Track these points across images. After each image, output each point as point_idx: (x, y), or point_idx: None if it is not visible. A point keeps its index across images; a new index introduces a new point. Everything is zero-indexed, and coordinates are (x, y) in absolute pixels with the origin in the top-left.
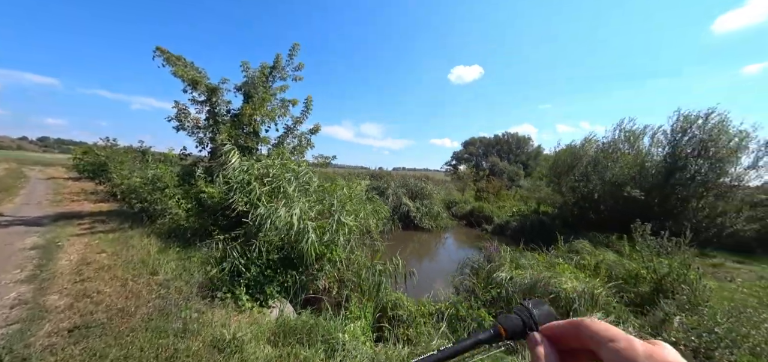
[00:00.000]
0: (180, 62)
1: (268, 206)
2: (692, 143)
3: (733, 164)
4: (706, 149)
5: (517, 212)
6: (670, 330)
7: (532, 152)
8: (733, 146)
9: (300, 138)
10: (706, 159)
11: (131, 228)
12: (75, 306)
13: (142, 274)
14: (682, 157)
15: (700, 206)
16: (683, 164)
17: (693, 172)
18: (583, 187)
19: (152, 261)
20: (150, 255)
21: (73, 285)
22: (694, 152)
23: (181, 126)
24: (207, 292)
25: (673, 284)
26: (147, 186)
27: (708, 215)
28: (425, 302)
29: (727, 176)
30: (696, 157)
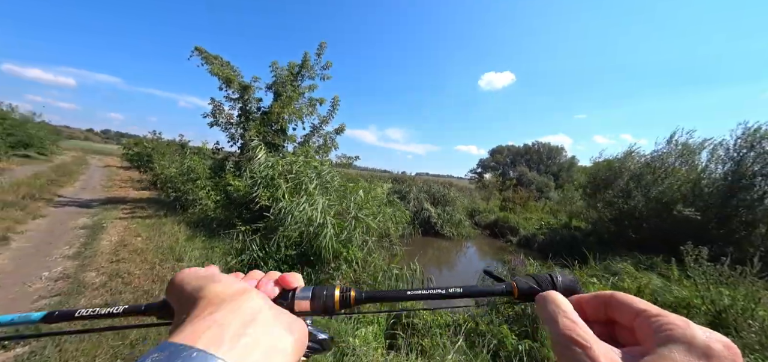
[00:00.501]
0: (217, 61)
1: (290, 201)
2: (761, 160)
3: None
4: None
5: (545, 225)
6: None
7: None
8: None
9: (325, 137)
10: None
11: (165, 216)
12: (108, 285)
13: (168, 259)
14: (748, 175)
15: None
16: (749, 184)
17: (761, 193)
18: (622, 203)
19: (179, 248)
20: (178, 242)
21: (109, 265)
22: (764, 170)
23: (215, 122)
24: None
25: (736, 319)
26: (181, 177)
27: None
28: (442, 312)
29: None
30: (766, 176)
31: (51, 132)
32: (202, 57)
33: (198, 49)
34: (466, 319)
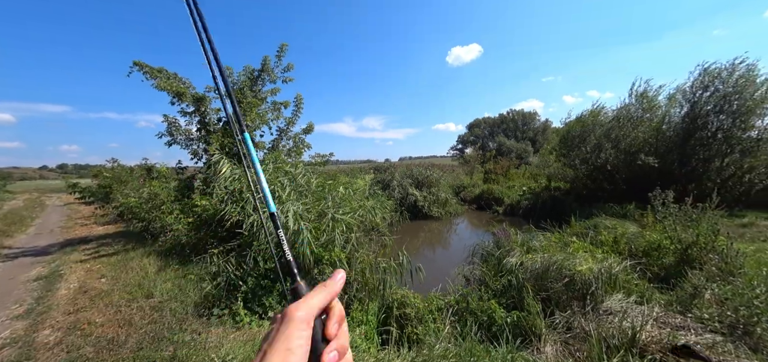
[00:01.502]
0: (161, 74)
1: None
2: (715, 99)
3: (760, 116)
4: (729, 102)
5: (527, 191)
6: (701, 306)
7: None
8: (758, 97)
9: (294, 139)
10: (728, 114)
11: (133, 249)
12: (64, 342)
13: (137, 298)
14: (703, 114)
15: (724, 164)
16: (703, 122)
17: (714, 129)
18: (595, 158)
19: (149, 283)
20: (147, 276)
21: (66, 317)
22: (716, 108)
23: (173, 140)
24: (204, 310)
25: (700, 253)
26: (144, 205)
27: (734, 174)
28: (433, 296)
29: (754, 129)
30: (718, 113)
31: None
32: (143, 72)
33: (137, 64)
34: (458, 299)
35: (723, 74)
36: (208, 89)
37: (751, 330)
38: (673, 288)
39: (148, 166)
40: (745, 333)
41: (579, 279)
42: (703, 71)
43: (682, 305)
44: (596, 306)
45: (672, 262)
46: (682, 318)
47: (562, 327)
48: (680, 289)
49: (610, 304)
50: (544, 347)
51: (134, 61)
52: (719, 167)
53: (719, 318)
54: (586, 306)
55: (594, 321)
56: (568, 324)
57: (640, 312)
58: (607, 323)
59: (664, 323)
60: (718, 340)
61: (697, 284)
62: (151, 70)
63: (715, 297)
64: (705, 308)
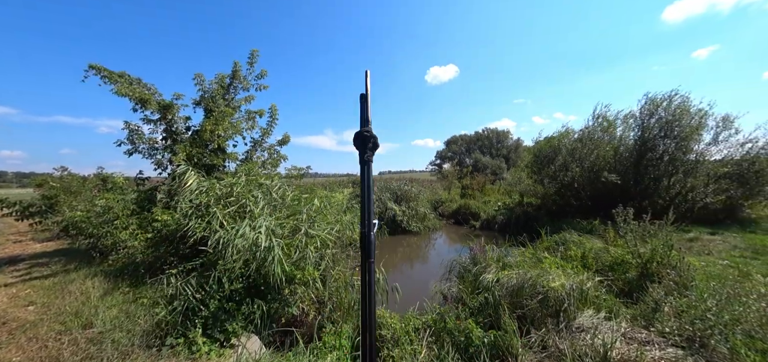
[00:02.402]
0: (123, 79)
1: (230, 229)
2: (659, 124)
3: (696, 142)
4: (671, 128)
5: (502, 206)
6: (662, 319)
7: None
8: (694, 125)
9: (269, 151)
10: (671, 139)
11: (76, 270)
12: None
13: (71, 329)
14: (651, 138)
15: (671, 183)
16: (652, 145)
17: (661, 152)
18: (563, 176)
19: (89, 310)
20: (88, 302)
21: None
22: (661, 133)
23: (134, 149)
24: (154, 340)
25: (658, 267)
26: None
27: (680, 192)
28: (411, 316)
29: (693, 153)
30: (663, 137)
31: None
32: (101, 76)
33: (94, 68)
34: (435, 319)
35: (664, 103)
36: (176, 96)
37: (706, 342)
38: (636, 301)
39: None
40: (702, 346)
41: (552, 295)
42: (648, 100)
43: (645, 319)
44: (569, 323)
45: (634, 276)
46: (647, 333)
47: (537, 347)
48: (643, 303)
49: (582, 321)
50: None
51: (90, 64)
52: (667, 186)
53: (678, 331)
54: (560, 323)
55: (568, 339)
56: (543, 342)
57: (609, 327)
58: (580, 341)
59: (631, 338)
60: (679, 354)
61: (657, 297)
62: (110, 74)
63: (673, 309)
64: (665, 321)
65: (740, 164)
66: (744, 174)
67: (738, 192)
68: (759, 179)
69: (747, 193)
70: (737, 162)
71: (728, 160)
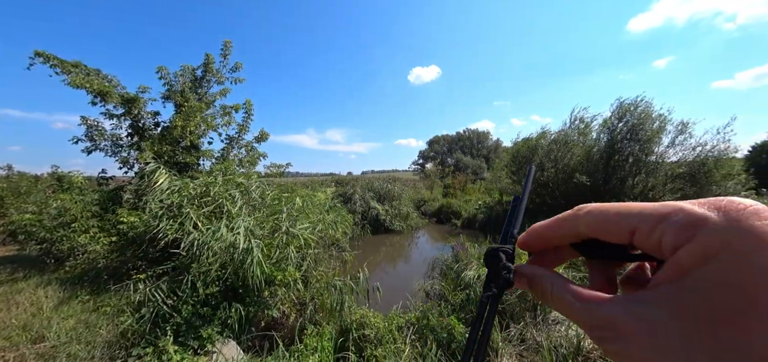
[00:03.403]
0: (77, 69)
1: (205, 230)
2: (627, 128)
3: (656, 144)
4: (636, 132)
5: (482, 205)
6: None
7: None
8: (655, 129)
9: (247, 148)
10: (636, 141)
11: (25, 279)
12: None
13: (18, 345)
14: (619, 141)
15: (635, 183)
16: (619, 147)
17: (627, 153)
18: (539, 176)
19: (40, 322)
20: (40, 313)
21: None
22: (628, 136)
23: (94, 147)
24: (119, 352)
25: None
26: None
27: (642, 191)
28: (394, 315)
29: (653, 155)
30: (629, 140)
31: None
32: (51, 65)
33: (41, 55)
34: (418, 317)
35: (631, 108)
36: (142, 90)
37: None
38: None
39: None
40: None
41: None
42: (619, 105)
43: None
44: (545, 317)
45: None
46: None
47: (516, 340)
48: None
49: (557, 314)
50: (501, 360)
51: (36, 51)
52: (632, 185)
53: None
54: (537, 316)
55: (544, 332)
56: (522, 336)
57: None
58: (556, 332)
59: None
60: None
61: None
62: (62, 63)
63: None
64: None
65: (692, 165)
66: (695, 174)
67: (691, 191)
68: (708, 179)
69: (698, 191)
70: (690, 163)
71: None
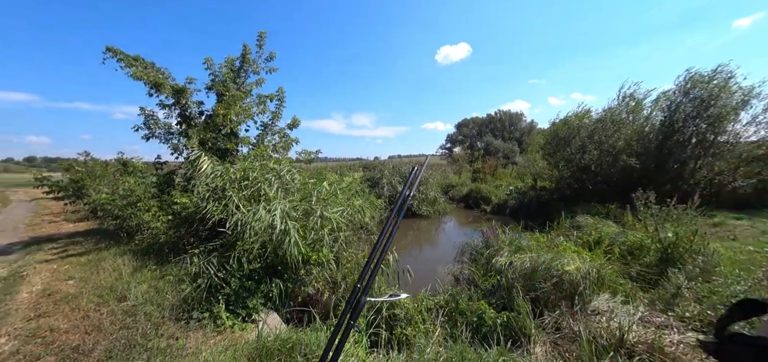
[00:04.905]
0: (138, 63)
1: (246, 211)
2: (693, 104)
3: (731, 122)
4: (705, 108)
5: (514, 190)
6: (683, 305)
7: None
8: (734, 104)
9: (280, 134)
10: (703, 119)
11: (106, 249)
12: (22, 351)
13: (108, 301)
14: (680, 119)
15: (697, 167)
16: (680, 126)
17: (690, 133)
18: (580, 159)
19: (122, 285)
20: (121, 278)
21: (26, 324)
22: (693, 113)
23: (151, 134)
24: (182, 314)
25: (680, 253)
26: (118, 201)
27: (706, 176)
28: (423, 297)
29: (725, 135)
30: (694, 118)
31: None
32: (117, 59)
33: (111, 50)
34: (447, 300)
35: (703, 81)
36: (189, 81)
37: None
38: (654, 286)
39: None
40: None
41: (567, 279)
42: (688, 77)
43: (664, 303)
44: (584, 306)
45: (654, 261)
46: (665, 317)
47: (551, 328)
48: (662, 288)
49: (597, 304)
50: (534, 348)
51: (107, 46)
52: (692, 169)
53: (700, 316)
54: (575, 306)
55: (582, 322)
56: (557, 324)
57: (626, 311)
58: (595, 323)
59: (649, 322)
60: (700, 339)
61: (678, 283)
62: (126, 57)
63: (694, 295)
64: (686, 306)
65: None
66: None
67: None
68: None
69: None
70: None
71: (764, 141)
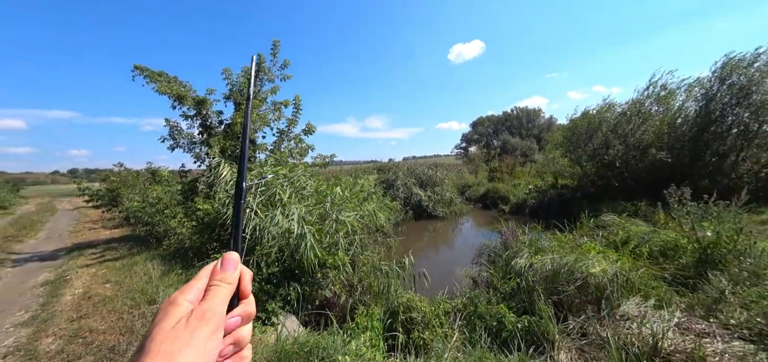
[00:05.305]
0: (162, 78)
1: (263, 216)
2: (732, 91)
3: None
4: (747, 95)
5: (533, 189)
6: (727, 310)
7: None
8: None
9: (296, 140)
10: (745, 107)
11: (138, 253)
12: (65, 351)
13: (139, 304)
14: (718, 108)
15: (740, 159)
16: (718, 116)
17: (729, 123)
18: (603, 154)
19: (152, 288)
20: (151, 281)
21: (69, 325)
22: (733, 101)
23: (175, 144)
24: None
25: (722, 253)
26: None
27: (750, 169)
28: (440, 300)
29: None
30: (734, 106)
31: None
32: (144, 76)
33: (138, 68)
34: (465, 303)
35: (742, 65)
36: (209, 92)
37: None
38: (692, 290)
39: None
40: None
41: (592, 281)
42: (725, 62)
43: (704, 309)
44: (612, 311)
45: (690, 262)
46: (706, 324)
47: (576, 333)
48: (701, 292)
49: (626, 309)
50: (558, 354)
51: (135, 65)
52: (734, 162)
53: (747, 324)
54: (602, 310)
55: (610, 327)
56: (582, 329)
57: (659, 316)
58: (625, 329)
59: (687, 329)
60: (748, 349)
61: (721, 287)
62: (151, 73)
63: (740, 300)
64: (731, 312)
65: None
66: None
67: None
68: None
69: None
70: None
71: None
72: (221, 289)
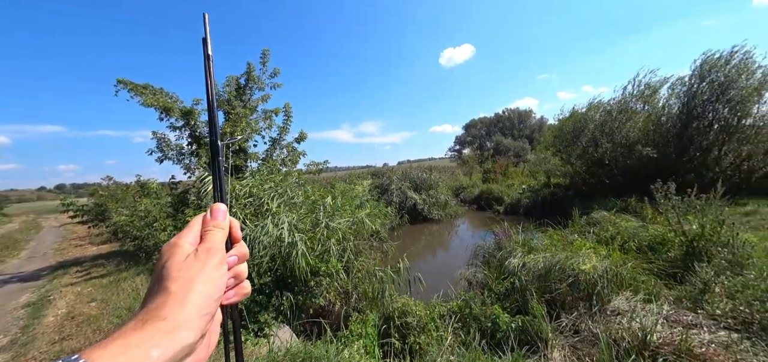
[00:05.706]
0: (147, 90)
1: (253, 226)
2: (711, 88)
3: (755, 103)
4: (725, 91)
5: (527, 188)
6: (713, 301)
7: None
8: (754, 84)
9: (288, 148)
10: (724, 103)
11: (126, 269)
12: None
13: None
14: (699, 104)
15: (722, 153)
16: (699, 112)
17: (710, 119)
18: (592, 152)
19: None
20: (139, 298)
21: (51, 347)
22: (712, 97)
23: (164, 156)
24: None
25: (706, 245)
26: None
27: (733, 162)
28: (436, 303)
29: (750, 117)
30: (714, 102)
31: None
32: (128, 89)
33: (121, 82)
34: (460, 305)
35: (720, 63)
36: (196, 102)
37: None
38: (680, 282)
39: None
40: (762, 329)
41: (583, 278)
42: (703, 60)
43: (691, 300)
44: (603, 307)
45: (678, 255)
46: (693, 316)
47: (569, 331)
48: (689, 284)
49: (617, 304)
50: (552, 353)
51: (118, 79)
52: (717, 156)
53: (732, 313)
54: (593, 306)
55: (602, 323)
56: (575, 327)
57: (648, 310)
58: (616, 324)
59: (675, 321)
60: (733, 338)
61: (706, 278)
62: (136, 87)
63: (725, 290)
64: (716, 303)
65: None
66: None
67: None
68: None
69: None
70: None
71: None
72: (217, 232)
